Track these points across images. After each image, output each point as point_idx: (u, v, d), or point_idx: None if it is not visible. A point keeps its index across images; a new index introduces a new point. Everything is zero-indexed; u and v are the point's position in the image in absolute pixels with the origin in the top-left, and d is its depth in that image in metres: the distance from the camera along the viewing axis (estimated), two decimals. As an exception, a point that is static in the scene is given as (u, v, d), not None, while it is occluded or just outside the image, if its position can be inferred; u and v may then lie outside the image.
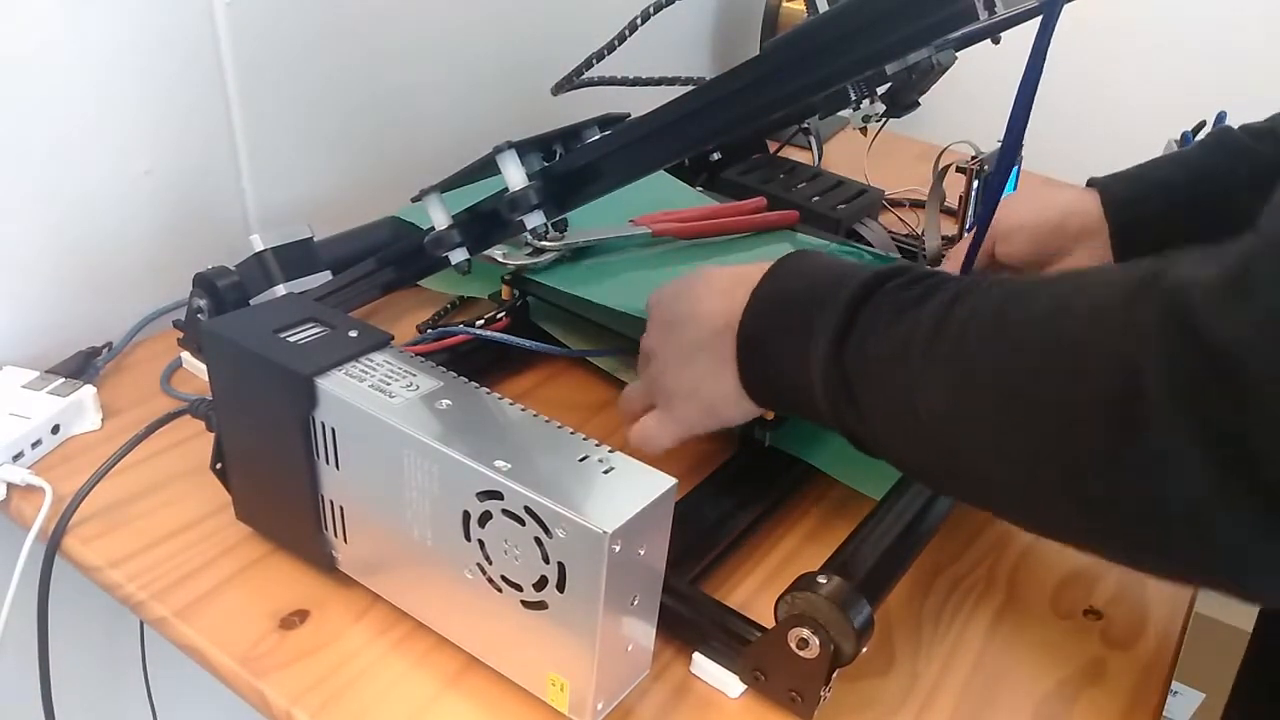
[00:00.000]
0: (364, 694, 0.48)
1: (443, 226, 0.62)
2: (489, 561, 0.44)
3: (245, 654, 0.49)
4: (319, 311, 0.51)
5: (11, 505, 0.57)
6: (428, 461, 0.44)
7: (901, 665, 0.53)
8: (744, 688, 0.49)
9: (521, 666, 0.46)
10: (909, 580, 0.57)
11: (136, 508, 0.57)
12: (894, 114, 0.72)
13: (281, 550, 0.55)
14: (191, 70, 0.71)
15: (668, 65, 0.77)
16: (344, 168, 0.85)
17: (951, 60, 0.70)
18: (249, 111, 0.75)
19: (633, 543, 0.41)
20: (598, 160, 0.56)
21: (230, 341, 0.48)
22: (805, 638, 0.45)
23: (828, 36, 0.49)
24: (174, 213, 0.73)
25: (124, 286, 0.71)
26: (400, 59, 0.86)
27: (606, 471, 0.43)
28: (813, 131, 1.13)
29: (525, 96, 0.87)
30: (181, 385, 0.67)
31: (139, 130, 0.69)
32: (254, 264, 0.68)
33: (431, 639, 0.50)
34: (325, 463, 0.48)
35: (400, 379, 0.47)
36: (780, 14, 1.29)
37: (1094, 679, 0.53)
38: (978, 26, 0.48)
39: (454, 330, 0.68)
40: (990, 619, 0.56)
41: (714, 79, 0.52)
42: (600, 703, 0.44)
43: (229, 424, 0.52)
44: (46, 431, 0.60)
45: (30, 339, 0.67)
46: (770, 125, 1.08)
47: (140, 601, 0.52)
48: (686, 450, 0.66)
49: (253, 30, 0.73)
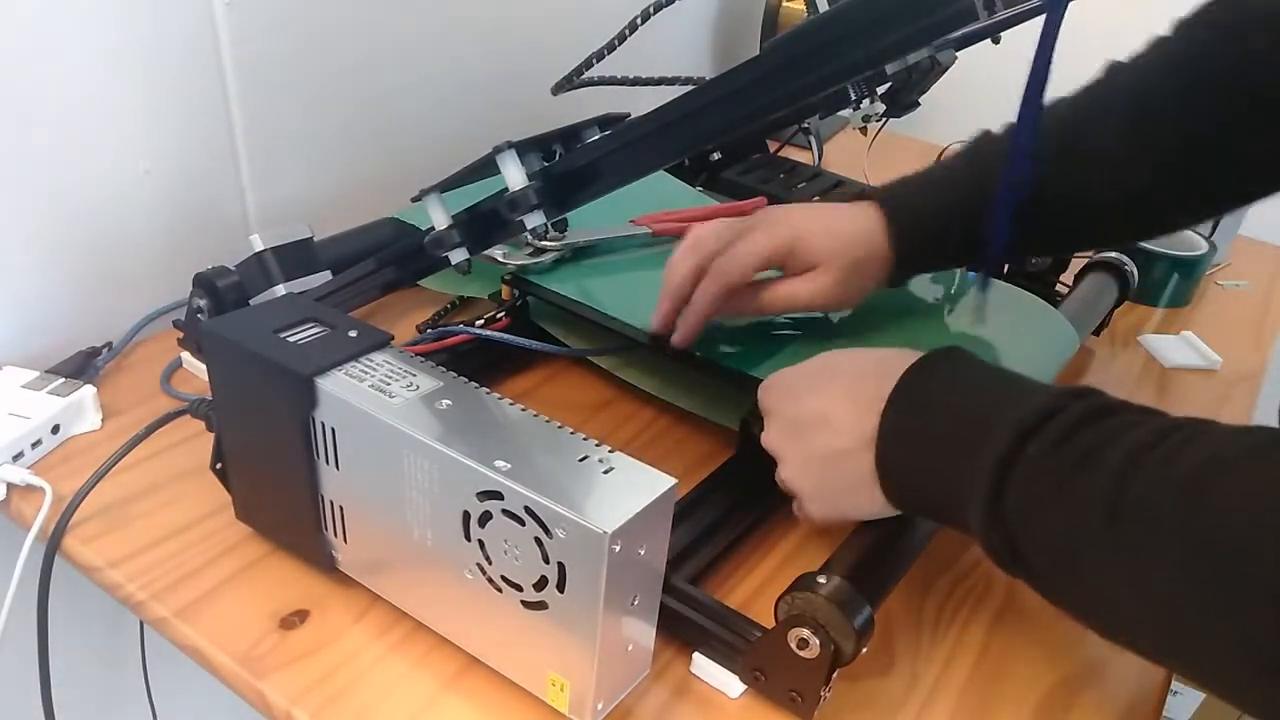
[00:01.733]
0: (364, 694, 0.48)
1: (443, 226, 0.62)
2: (489, 561, 0.44)
3: (245, 654, 0.49)
4: (319, 311, 0.51)
5: (11, 505, 0.57)
6: (428, 461, 0.44)
7: (902, 665, 0.52)
8: (744, 688, 0.49)
9: (521, 667, 0.46)
10: (909, 580, 0.57)
11: (136, 508, 0.57)
12: (894, 114, 0.72)
13: (281, 550, 0.55)
14: (191, 70, 0.71)
15: (668, 65, 0.77)
16: (344, 168, 0.85)
17: (951, 60, 0.70)
18: (249, 111, 0.75)
19: (633, 543, 0.41)
20: (598, 160, 0.56)
21: (230, 341, 0.48)
22: (805, 638, 0.45)
23: (828, 36, 0.49)
24: (174, 213, 0.73)
25: (124, 286, 0.71)
26: (400, 59, 0.86)
27: (606, 471, 0.42)
28: (813, 131, 1.13)
29: (525, 96, 0.87)
30: (181, 385, 0.67)
31: (139, 130, 0.69)
32: (254, 264, 0.68)
33: (431, 639, 0.50)
34: (325, 463, 0.48)
35: (400, 379, 0.47)
36: (780, 14, 1.29)
37: (1094, 679, 0.53)
38: (978, 26, 0.48)
39: (454, 330, 0.68)
40: (990, 619, 0.56)
41: (714, 79, 0.52)
42: (600, 703, 0.44)
43: (229, 424, 0.52)
44: (46, 431, 0.60)
45: (30, 339, 0.67)
46: (770, 125, 1.08)
47: (140, 601, 0.52)
48: (686, 450, 0.67)
49: (253, 30, 0.73)
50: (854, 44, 0.48)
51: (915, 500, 0.48)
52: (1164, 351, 0.87)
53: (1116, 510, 0.38)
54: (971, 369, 0.48)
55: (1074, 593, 0.42)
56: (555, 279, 0.72)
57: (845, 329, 0.70)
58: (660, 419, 0.70)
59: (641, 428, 0.69)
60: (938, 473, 0.45)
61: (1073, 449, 0.40)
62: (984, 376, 0.47)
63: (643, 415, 0.70)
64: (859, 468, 0.48)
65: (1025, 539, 0.42)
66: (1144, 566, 0.37)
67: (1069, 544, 0.40)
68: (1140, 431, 0.39)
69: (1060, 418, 0.41)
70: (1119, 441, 0.39)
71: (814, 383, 0.51)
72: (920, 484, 0.47)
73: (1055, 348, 0.73)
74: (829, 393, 0.50)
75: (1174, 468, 0.37)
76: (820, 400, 0.50)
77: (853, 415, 0.48)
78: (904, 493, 0.48)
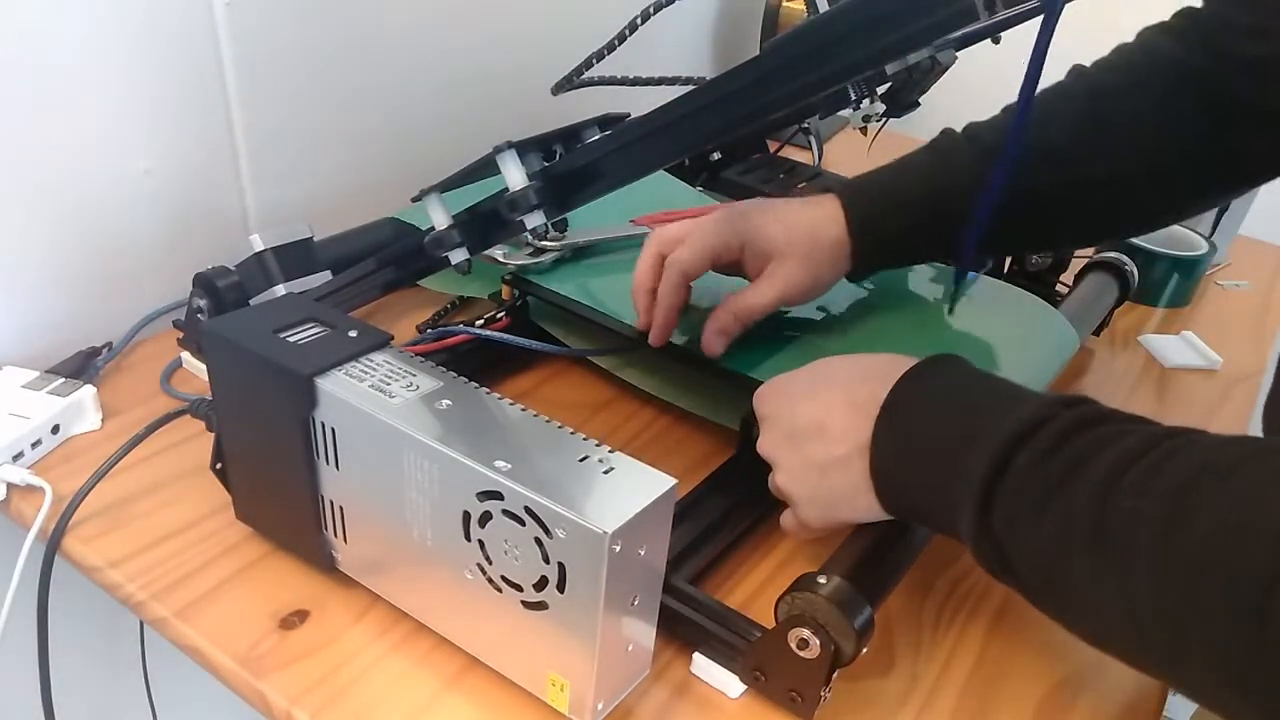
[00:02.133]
0: (364, 694, 0.48)
1: (443, 226, 0.62)
2: (489, 562, 0.44)
3: (245, 654, 0.49)
4: (319, 311, 0.51)
5: (11, 505, 0.57)
6: (428, 461, 0.44)
7: (902, 665, 0.52)
8: (744, 688, 0.49)
9: (521, 667, 0.46)
10: (909, 580, 0.57)
11: (136, 508, 0.57)
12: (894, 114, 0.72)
13: (281, 550, 0.55)
14: (191, 70, 0.71)
15: (668, 65, 0.77)
16: (344, 168, 0.85)
17: (951, 60, 0.70)
18: (249, 111, 0.75)
19: (633, 543, 0.41)
20: (598, 160, 0.56)
21: (230, 341, 0.48)
22: (805, 638, 0.45)
23: (828, 36, 0.49)
24: (174, 213, 0.73)
25: (124, 286, 0.71)
26: (400, 59, 0.86)
27: (607, 472, 0.42)
28: (813, 131, 1.13)
29: (525, 96, 0.87)
30: (181, 385, 0.67)
31: (139, 130, 0.69)
32: (254, 264, 0.68)
33: (431, 639, 0.50)
34: (325, 463, 0.48)
35: (400, 379, 0.47)
36: (780, 14, 1.29)
37: (1094, 679, 0.53)
38: (978, 26, 0.48)
39: (454, 330, 0.68)
40: (991, 619, 0.56)
41: (714, 79, 0.52)
42: (600, 703, 0.44)
43: (229, 424, 0.52)
44: (46, 431, 0.60)
45: (30, 339, 0.67)
46: (770, 125, 1.08)
47: (140, 601, 0.52)
48: (686, 450, 0.67)
49: (253, 30, 0.73)
50: (854, 44, 0.48)
51: (908, 507, 0.48)
52: (1164, 351, 0.87)
53: (1101, 522, 0.38)
54: (965, 377, 0.48)
55: (1061, 603, 0.42)
56: (555, 279, 0.72)
57: (845, 329, 0.70)
58: (660, 419, 0.70)
59: (641, 428, 0.69)
60: (929, 481, 0.45)
61: (1061, 458, 0.40)
62: (978, 384, 0.47)
63: (643, 415, 0.70)
64: (853, 474, 0.48)
65: (1013, 549, 0.42)
66: (1125, 578, 0.37)
67: (1056, 555, 0.40)
68: (1130, 440, 0.39)
69: (1050, 427, 0.41)
70: (1106, 451, 0.39)
71: (810, 389, 0.51)
72: (913, 491, 0.47)
73: (1055, 348, 0.73)
74: (824, 400, 0.50)
75: (1159, 478, 0.37)
76: (816, 407, 0.50)
77: (848, 422, 0.48)
78: (897, 499, 0.48)
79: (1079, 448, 0.40)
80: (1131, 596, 0.37)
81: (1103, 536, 0.38)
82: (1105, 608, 0.39)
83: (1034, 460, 0.40)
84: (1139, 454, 0.38)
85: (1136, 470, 0.38)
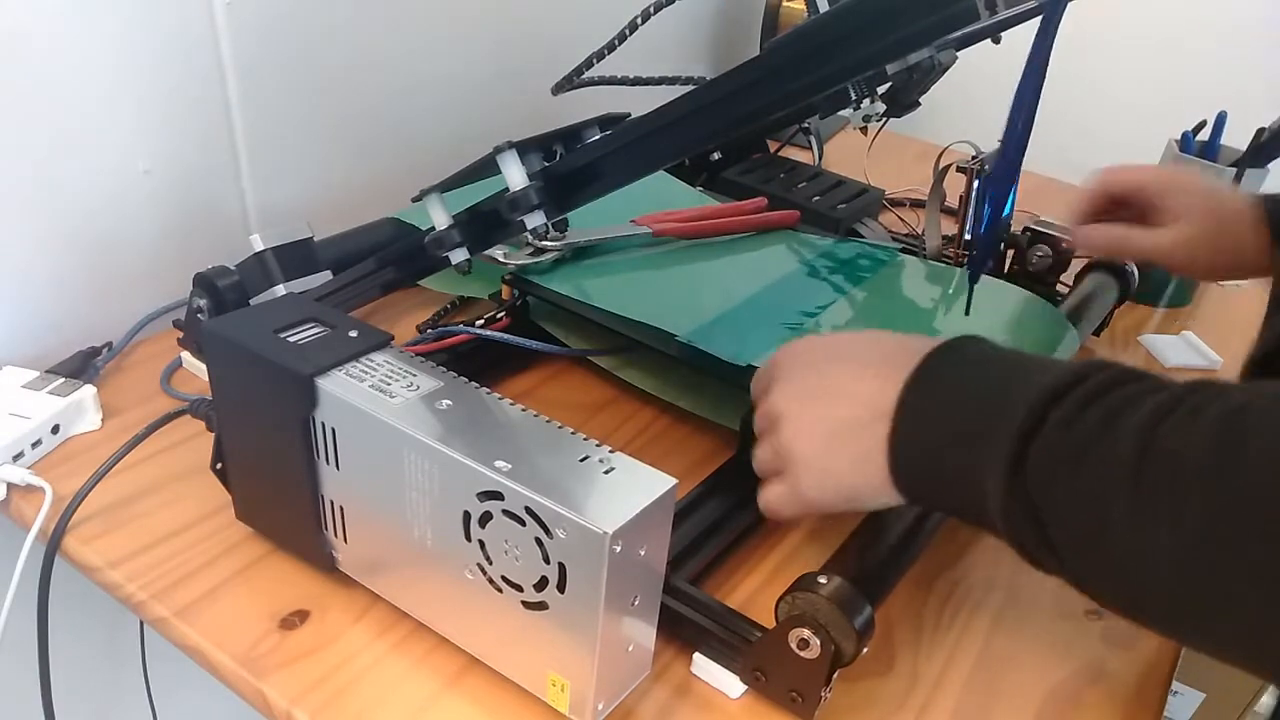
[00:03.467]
0: (364, 694, 0.48)
1: (443, 226, 0.62)
2: (489, 562, 0.44)
3: (245, 654, 0.49)
4: (319, 311, 0.51)
5: (11, 505, 0.57)
6: (428, 462, 0.44)
7: (902, 666, 0.52)
8: (744, 688, 0.49)
9: (522, 667, 0.46)
10: (910, 580, 0.57)
11: (136, 508, 0.57)
12: (894, 114, 0.72)
13: (281, 550, 0.55)
14: (191, 70, 0.71)
15: (668, 65, 0.77)
16: (344, 168, 0.85)
17: (952, 60, 0.70)
18: (249, 111, 0.75)
19: (633, 543, 0.41)
20: (598, 160, 0.56)
21: (230, 341, 0.48)
22: (806, 638, 0.45)
23: (828, 36, 0.49)
24: (174, 213, 0.73)
25: (124, 286, 0.71)
26: (400, 59, 0.86)
27: (607, 472, 0.42)
28: (813, 131, 1.13)
29: (525, 96, 0.87)
30: (181, 385, 0.67)
31: (139, 130, 0.69)
32: (254, 264, 0.68)
33: (432, 639, 0.50)
34: (325, 463, 0.48)
35: (400, 379, 0.47)
36: (780, 14, 1.29)
37: (1095, 679, 0.53)
38: (979, 26, 0.48)
39: (454, 330, 0.68)
40: (991, 619, 0.56)
41: (714, 79, 0.52)
42: (601, 703, 0.44)
43: (229, 424, 0.52)
44: (46, 431, 0.60)
45: (30, 339, 0.67)
46: (770, 125, 1.08)
47: (140, 601, 0.52)
48: (686, 450, 0.67)
49: (253, 30, 0.73)
50: (854, 44, 0.48)
51: (922, 478, 0.46)
52: (1164, 351, 0.87)
53: (1143, 466, 0.37)
54: (997, 349, 0.47)
55: (1098, 560, 0.40)
56: (555, 279, 0.72)
57: (845, 329, 0.70)
58: (660, 419, 0.70)
59: (641, 428, 0.69)
60: (954, 445, 0.44)
61: (1097, 409, 0.39)
62: (1010, 355, 0.46)
63: (643, 415, 0.70)
64: (866, 441, 0.46)
65: (1049, 506, 0.40)
66: (1176, 520, 0.36)
67: (1097, 506, 0.39)
68: (1164, 395, 0.38)
69: (1085, 385, 0.40)
70: (1143, 401, 0.38)
71: (835, 353, 0.50)
72: (933, 457, 0.45)
73: (1055, 348, 0.73)
74: (850, 366, 0.49)
75: (1202, 418, 0.36)
76: (840, 370, 0.49)
77: (873, 388, 0.47)
78: (911, 469, 0.46)
79: (1116, 400, 0.39)
80: (1178, 540, 0.36)
81: (1147, 480, 0.37)
82: (1149, 555, 0.37)
83: (1069, 416, 0.40)
84: (1177, 400, 0.38)
85: (1176, 416, 0.37)
